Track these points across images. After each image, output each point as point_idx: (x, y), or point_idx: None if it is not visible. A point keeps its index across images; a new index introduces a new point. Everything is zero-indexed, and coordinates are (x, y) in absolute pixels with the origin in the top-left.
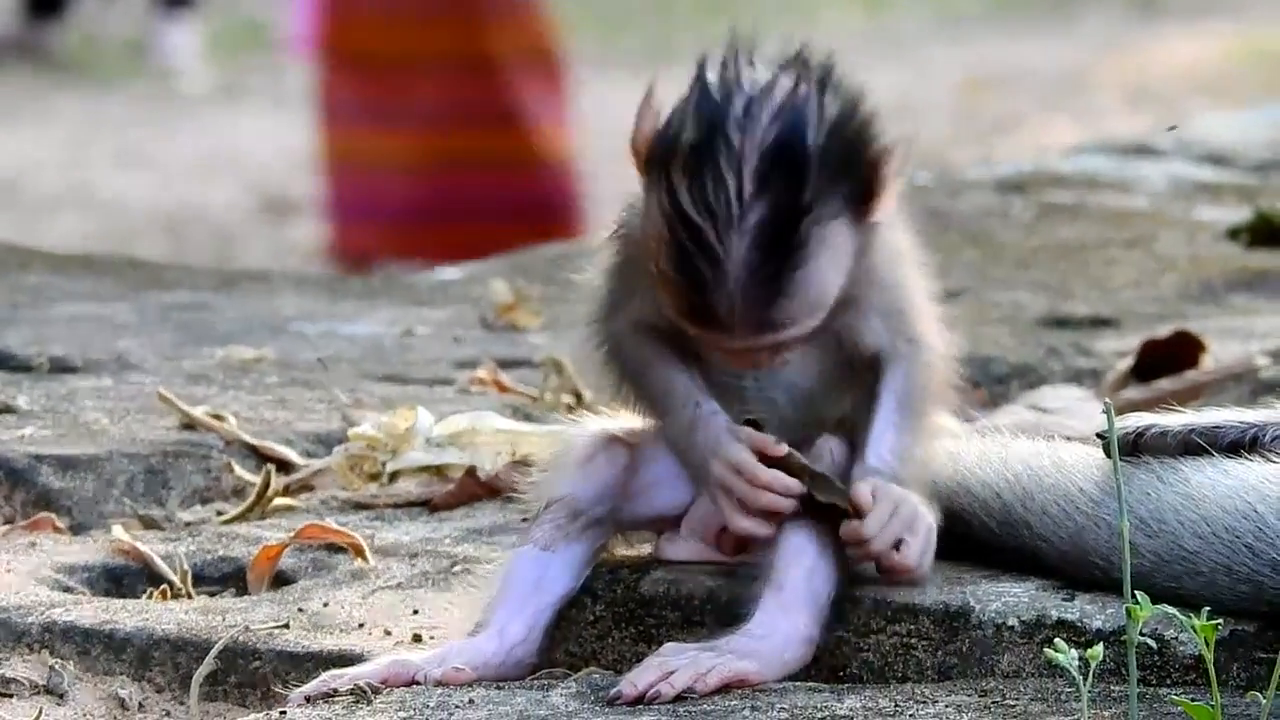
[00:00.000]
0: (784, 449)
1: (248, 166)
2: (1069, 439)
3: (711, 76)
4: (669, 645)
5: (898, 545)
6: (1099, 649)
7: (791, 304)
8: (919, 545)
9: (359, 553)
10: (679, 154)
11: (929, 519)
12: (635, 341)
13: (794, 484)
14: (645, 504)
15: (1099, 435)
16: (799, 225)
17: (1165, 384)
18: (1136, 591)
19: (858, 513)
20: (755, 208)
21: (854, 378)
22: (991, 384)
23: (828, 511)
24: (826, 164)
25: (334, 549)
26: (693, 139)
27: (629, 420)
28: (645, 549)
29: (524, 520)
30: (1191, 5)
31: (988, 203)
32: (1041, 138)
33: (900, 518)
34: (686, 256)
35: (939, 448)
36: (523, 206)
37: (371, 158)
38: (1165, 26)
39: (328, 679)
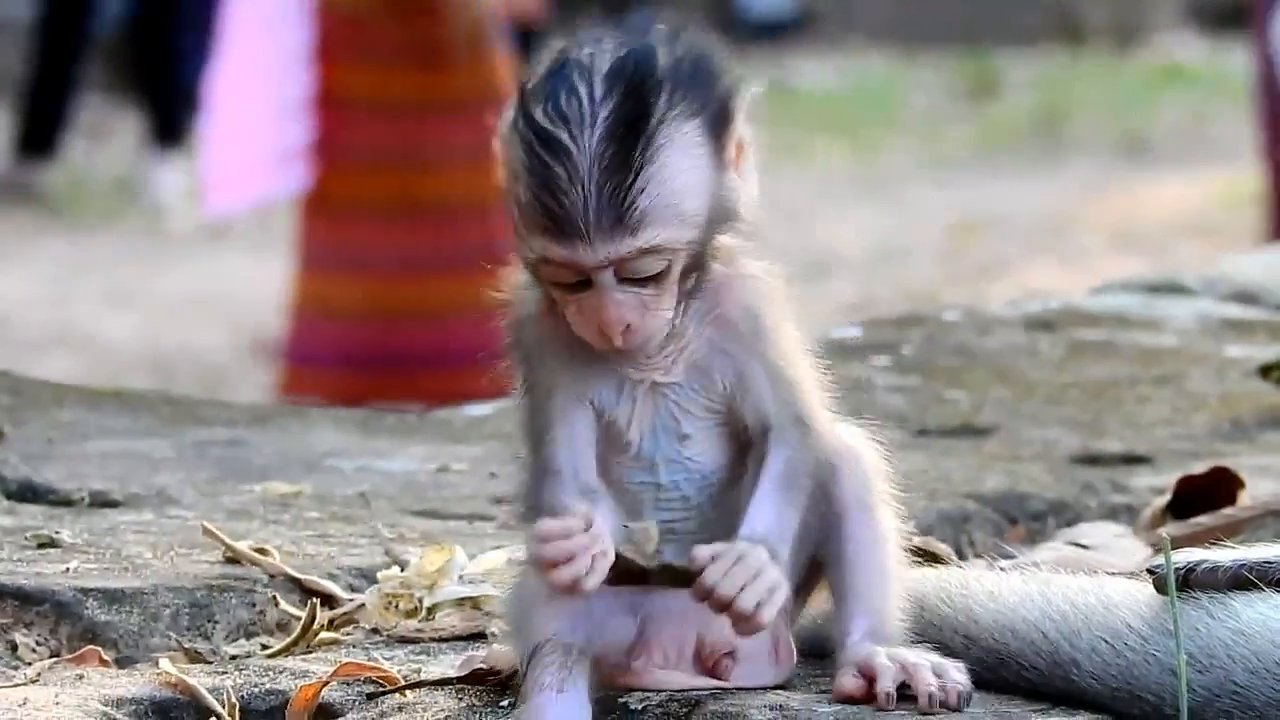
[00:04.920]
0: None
1: (235, 306)
2: (1111, 574)
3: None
4: None
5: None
6: None
7: (645, 198)
8: (756, 593)
9: (396, 687)
10: (532, 91)
11: (776, 575)
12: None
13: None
14: (600, 631)
15: (1149, 570)
16: (648, 120)
17: (1204, 520)
18: None
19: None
20: (605, 106)
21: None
22: (1028, 521)
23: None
24: (674, 77)
25: (381, 681)
26: (544, 72)
27: None
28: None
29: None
30: (1177, 149)
31: (1016, 340)
32: (1029, 280)
33: (743, 568)
34: (541, 163)
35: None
36: (477, 353)
37: (336, 303)
38: (1151, 170)
39: None
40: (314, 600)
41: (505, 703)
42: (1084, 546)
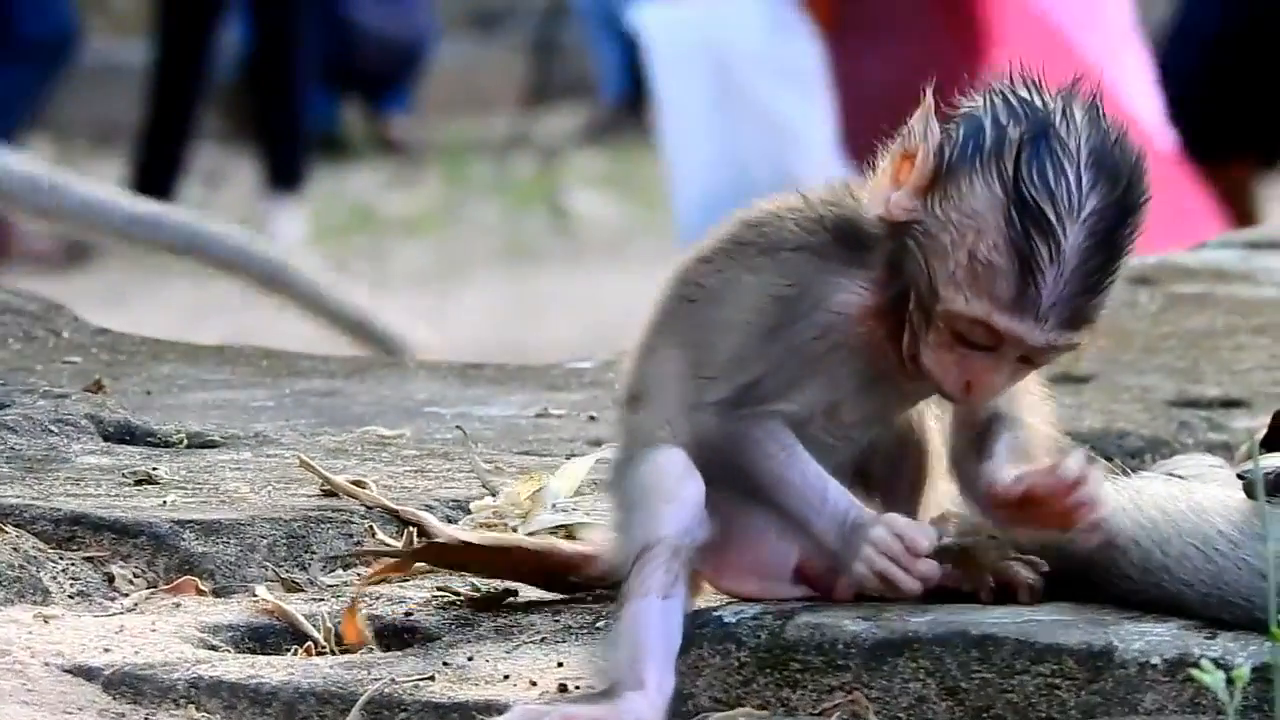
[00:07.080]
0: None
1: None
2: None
3: (1003, 88)
4: None
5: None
6: (1245, 670)
7: (1104, 299)
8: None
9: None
10: (1008, 145)
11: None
12: (768, 431)
13: (934, 573)
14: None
15: (1239, 475)
16: (1126, 227)
17: None
18: None
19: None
20: (1093, 198)
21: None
22: (1125, 457)
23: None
24: (1134, 171)
25: (477, 607)
26: (1024, 132)
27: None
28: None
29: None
30: None
31: (1115, 294)
32: None
33: (1086, 478)
34: (1023, 237)
35: None
36: None
37: None
38: None
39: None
40: (410, 529)
41: (601, 623)
42: (1180, 477)
